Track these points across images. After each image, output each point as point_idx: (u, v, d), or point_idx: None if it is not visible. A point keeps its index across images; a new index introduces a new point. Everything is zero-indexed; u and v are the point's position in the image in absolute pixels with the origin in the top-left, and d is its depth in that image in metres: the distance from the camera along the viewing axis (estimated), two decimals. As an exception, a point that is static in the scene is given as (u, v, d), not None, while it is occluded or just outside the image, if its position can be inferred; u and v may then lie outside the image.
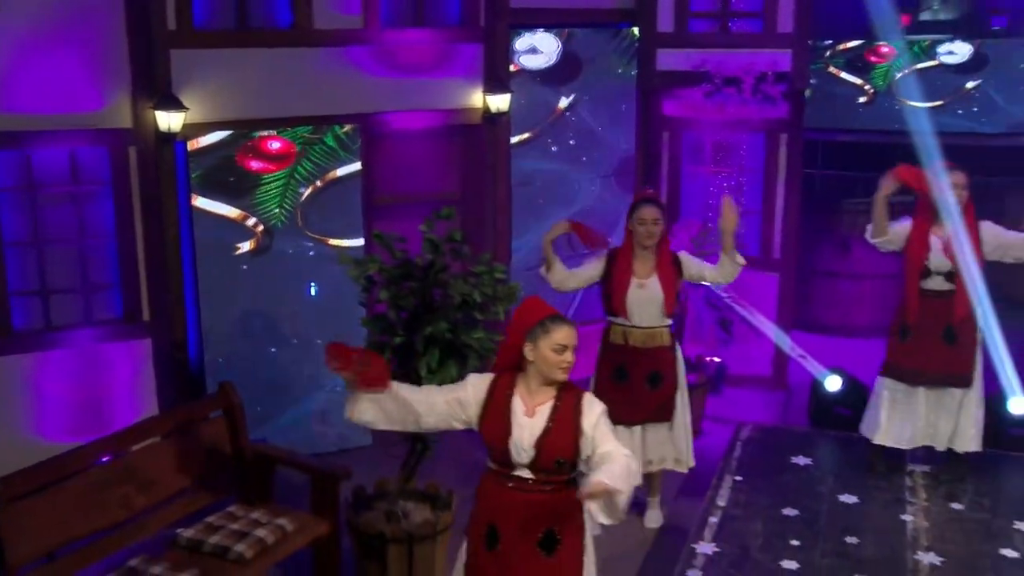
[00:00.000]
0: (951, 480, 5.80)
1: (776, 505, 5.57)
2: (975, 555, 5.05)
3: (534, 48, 7.29)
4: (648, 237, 5.32)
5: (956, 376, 5.64)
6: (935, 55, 12.46)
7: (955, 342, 5.60)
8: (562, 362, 3.50)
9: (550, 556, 3.60)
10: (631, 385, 5.46)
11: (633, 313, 5.39)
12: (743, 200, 7.60)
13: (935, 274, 5.57)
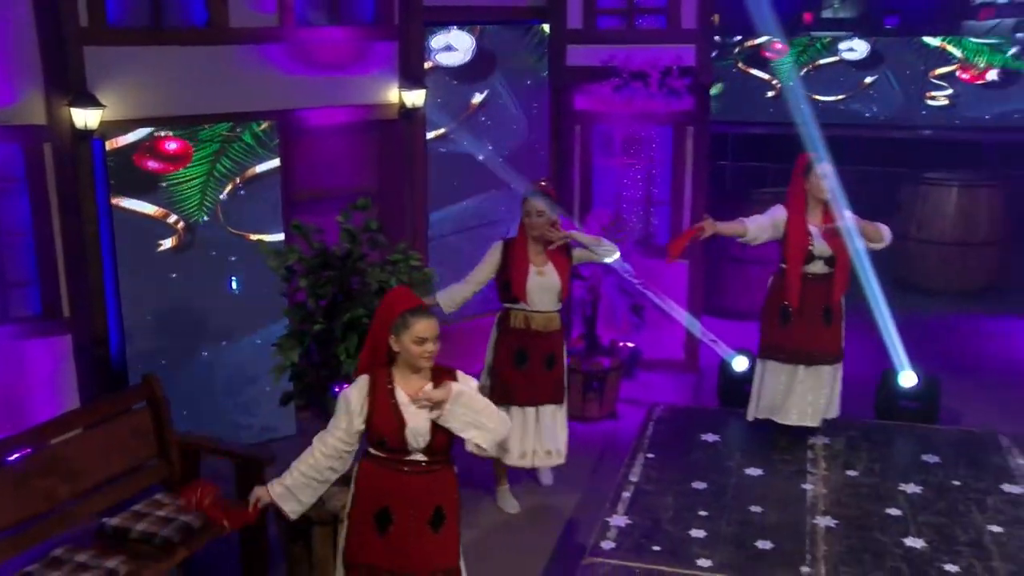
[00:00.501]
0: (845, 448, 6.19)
1: (686, 479, 5.85)
2: (865, 515, 5.39)
3: (450, 46, 7.48)
4: (533, 228, 5.60)
5: (831, 354, 6.03)
6: (837, 52, 12.97)
7: (831, 322, 5.97)
8: (424, 352, 3.69)
9: (437, 532, 3.84)
10: (530, 368, 5.73)
11: (533, 299, 5.66)
12: (654, 190, 7.92)
13: (817, 259, 5.92)
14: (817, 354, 6.04)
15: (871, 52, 12.70)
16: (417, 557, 3.82)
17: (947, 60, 12.00)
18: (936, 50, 12.03)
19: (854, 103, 12.94)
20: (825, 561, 4.98)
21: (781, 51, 13.43)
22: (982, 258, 10.15)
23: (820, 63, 13.30)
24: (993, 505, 5.51)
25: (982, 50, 11.84)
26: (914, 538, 5.19)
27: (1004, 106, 11.94)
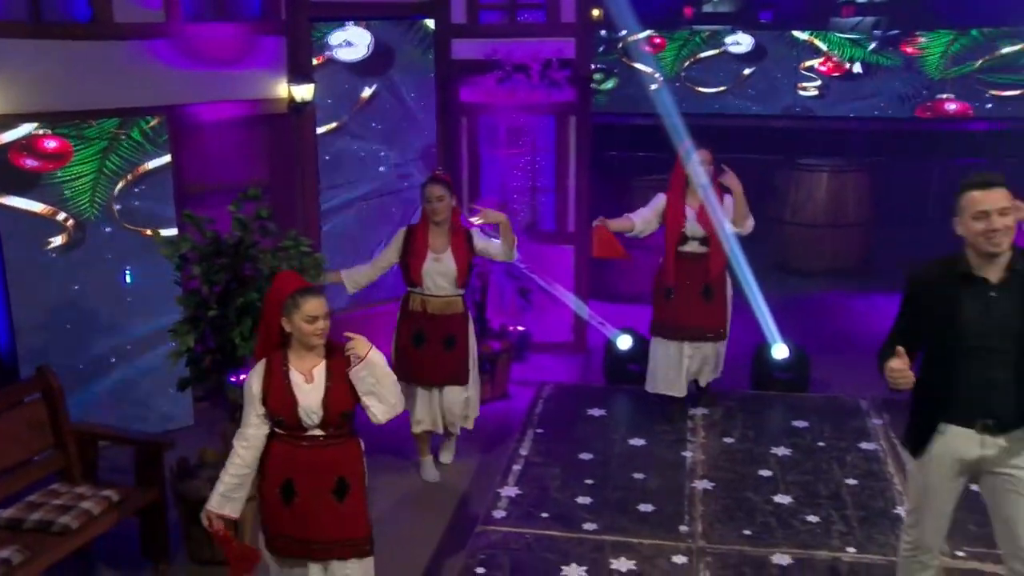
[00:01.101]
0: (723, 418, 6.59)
1: (573, 452, 6.17)
2: (739, 477, 5.80)
3: (348, 41, 7.63)
4: (435, 213, 5.82)
5: (713, 330, 6.41)
6: (723, 45, 13.48)
7: (711, 299, 6.35)
8: (316, 330, 3.87)
9: (341, 502, 4.01)
10: (428, 349, 5.93)
11: (429, 283, 5.88)
12: (539, 179, 8.21)
13: (691, 239, 6.30)
14: (699, 330, 6.41)
15: (755, 46, 13.23)
16: (323, 526, 3.98)
17: (816, 54, 12.61)
18: (805, 44, 12.63)
19: (734, 94, 13.47)
20: (702, 520, 5.35)
21: (660, 45, 13.91)
22: (850, 239, 10.74)
23: (700, 56, 13.81)
24: (851, 461, 5.99)
25: (845, 45, 12.48)
26: (782, 495, 5.61)
27: (868, 97, 12.62)
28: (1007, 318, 3.64)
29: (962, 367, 3.68)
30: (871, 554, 4.96)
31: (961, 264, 3.71)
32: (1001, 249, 3.62)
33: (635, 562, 4.90)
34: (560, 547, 5.04)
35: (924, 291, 3.79)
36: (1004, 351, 3.65)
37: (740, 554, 4.98)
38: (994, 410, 3.68)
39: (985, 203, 3.59)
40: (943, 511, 3.96)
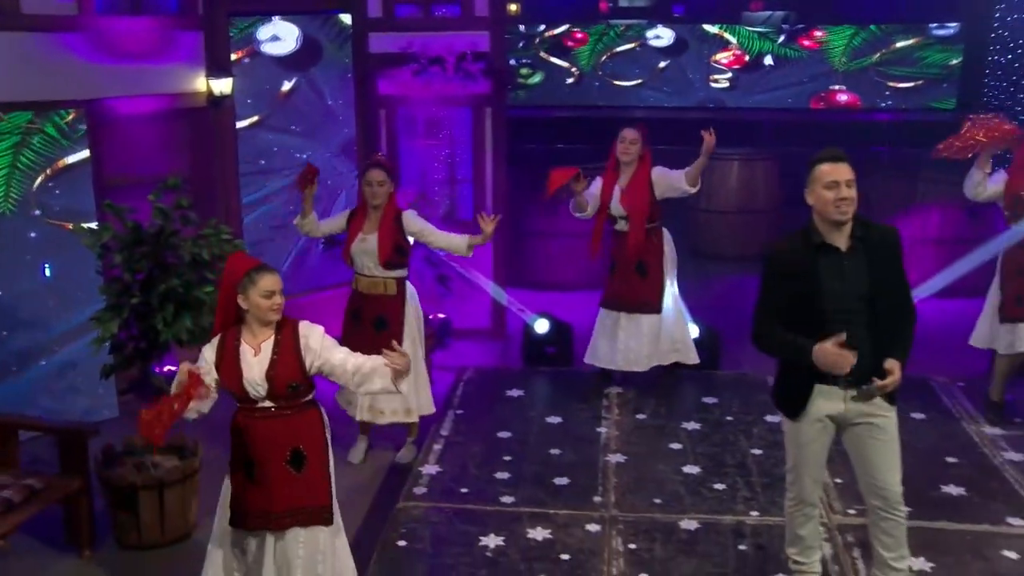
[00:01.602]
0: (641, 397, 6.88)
1: (492, 430, 6.39)
2: (651, 451, 6.08)
3: (276, 36, 7.73)
4: (373, 196, 5.98)
5: (647, 304, 6.68)
6: (642, 39, 13.82)
7: (646, 275, 6.63)
8: (272, 305, 4.01)
9: (300, 473, 4.13)
10: (362, 328, 6.09)
11: (356, 263, 6.05)
12: (457, 169, 8.40)
13: (618, 218, 6.58)
14: (634, 304, 6.70)
15: (676, 39, 13.59)
16: (282, 497, 4.09)
17: (726, 47, 13.02)
18: (716, 38, 13.04)
19: (650, 87, 13.82)
20: (615, 491, 5.61)
21: (582, 40, 14.20)
22: (760, 225, 11.13)
23: (617, 50, 14.13)
24: (757, 433, 6.31)
25: (754, 38, 12.91)
26: (691, 466, 5.90)
27: (777, 88, 13.08)
28: (859, 282, 4.00)
29: (826, 330, 3.96)
30: (773, 516, 5.26)
31: (814, 235, 4.03)
32: (847, 217, 3.97)
33: (550, 531, 5.13)
34: (479, 519, 5.25)
35: (783, 265, 4.09)
36: (859, 312, 4.00)
37: (650, 521, 5.25)
38: (855, 369, 3.99)
39: (835, 174, 3.93)
40: (819, 464, 4.29)
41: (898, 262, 4.10)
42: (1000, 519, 5.26)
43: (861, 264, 4.02)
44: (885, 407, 4.15)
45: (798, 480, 4.34)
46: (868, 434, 4.16)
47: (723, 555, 4.94)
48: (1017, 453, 6.04)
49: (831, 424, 4.20)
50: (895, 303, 4.09)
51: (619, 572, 4.77)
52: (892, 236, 4.12)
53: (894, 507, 4.22)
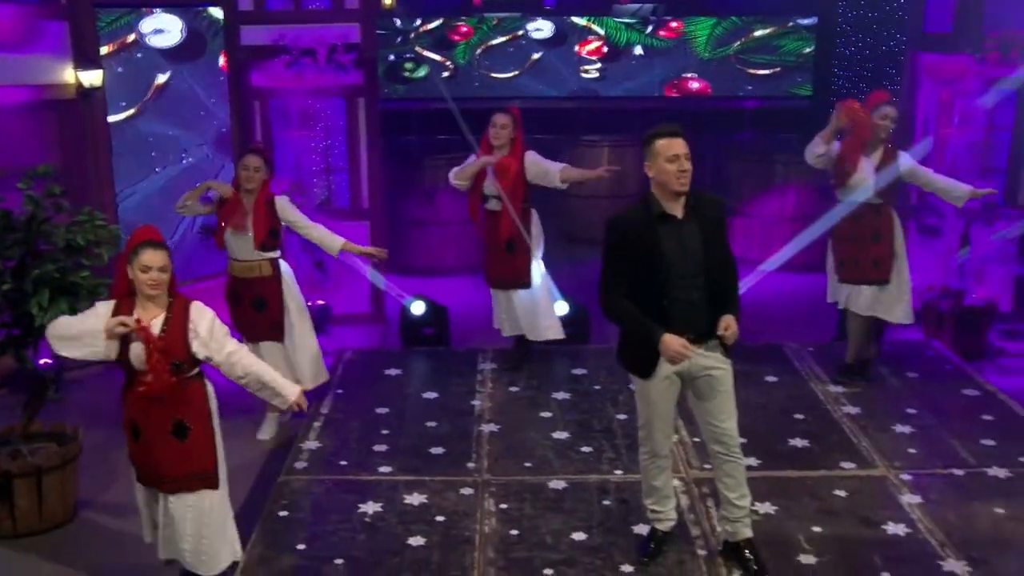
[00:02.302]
0: (511, 366, 7.20)
1: (371, 407, 6.62)
2: (522, 420, 6.41)
3: (159, 28, 7.77)
4: (248, 180, 6.18)
5: (517, 280, 7.00)
6: (520, 30, 14.11)
7: (514, 252, 6.94)
8: (148, 280, 4.19)
9: (183, 442, 4.35)
10: (243, 309, 6.31)
11: (231, 248, 6.21)
12: (332, 159, 8.57)
13: (491, 197, 6.88)
14: (506, 280, 7.01)
15: (556, 31, 13.92)
16: (165, 463, 4.33)
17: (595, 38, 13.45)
18: (584, 29, 13.46)
19: (523, 78, 14.15)
20: (488, 457, 5.91)
21: (467, 33, 14.45)
22: (631, 209, 11.60)
23: (492, 44, 14.42)
24: (622, 400, 6.69)
25: (621, 29, 13.38)
26: (560, 432, 6.24)
27: (645, 77, 13.59)
28: (695, 247, 4.36)
29: (668, 293, 4.34)
30: (635, 474, 5.55)
31: (653, 206, 4.39)
32: (686, 188, 4.32)
33: (426, 496, 5.40)
34: (358, 489, 5.49)
35: (626, 234, 4.40)
36: (696, 275, 4.37)
37: (521, 483, 5.57)
38: (695, 326, 4.38)
39: (675, 148, 4.29)
40: (668, 419, 4.65)
41: (724, 229, 4.50)
42: (836, 465, 5.77)
43: (695, 231, 4.39)
44: (722, 360, 4.53)
45: (650, 435, 4.70)
46: (708, 386, 4.54)
47: (588, 510, 5.28)
48: (855, 407, 6.57)
49: (677, 380, 4.56)
50: (725, 267, 4.48)
51: (491, 530, 5.07)
52: (721, 206, 4.52)
53: (733, 450, 4.62)
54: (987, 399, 6.71)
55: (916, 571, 4.73)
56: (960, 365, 7.36)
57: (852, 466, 5.76)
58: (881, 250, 6.75)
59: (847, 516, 5.23)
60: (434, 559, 4.80)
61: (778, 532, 5.03)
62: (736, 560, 4.71)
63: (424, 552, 4.86)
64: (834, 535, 5.04)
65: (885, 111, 6.55)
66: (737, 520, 4.71)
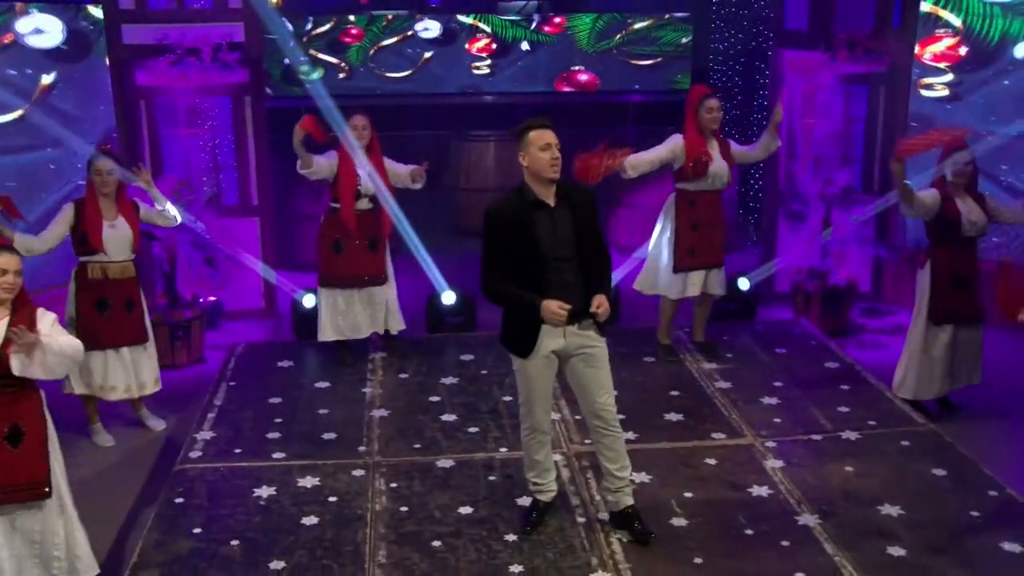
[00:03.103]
0: (394, 356, 7.44)
1: (264, 398, 6.79)
2: (412, 404, 6.68)
3: (38, 28, 7.72)
4: (104, 185, 6.27)
5: (376, 276, 7.22)
6: (409, 30, 14.24)
7: (376, 249, 7.15)
8: (2, 284, 4.29)
9: (16, 448, 4.39)
10: (113, 313, 6.35)
11: (109, 250, 6.29)
12: (220, 156, 8.66)
13: (363, 196, 7.07)
14: (368, 278, 7.19)
15: (444, 31, 14.10)
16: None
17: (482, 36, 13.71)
18: (472, 27, 13.71)
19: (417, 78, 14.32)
20: (378, 440, 6.15)
21: (358, 35, 14.53)
22: (518, 202, 11.93)
23: (383, 44, 14.56)
24: (508, 383, 6.97)
25: (507, 26, 13.68)
26: (448, 414, 6.52)
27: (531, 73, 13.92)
28: (568, 233, 4.67)
29: (545, 276, 4.65)
30: (519, 451, 5.85)
31: (528, 194, 4.69)
32: (558, 175, 4.63)
33: (319, 479, 5.62)
34: (252, 474, 5.67)
35: (503, 222, 4.69)
36: (569, 258, 4.69)
37: (410, 463, 5.83)
38: (576, 310, 4.67)
39: (547, 138, 4.60)
40: (547, 396, 4.95)
41: (596, 216, 4.82)
42: (707, 436, 6.18)
43: (567, 217, 4.69)
44: (597, 339, 4.85)
45: (531, 412, 4.98)
46: (585, 363, 4.85)
47: (475, 486, 5.57)
48: (726, 383, 7.02)
49: (555, 358, 4.87)
50: (596, 250, 4.81)
51: (382, 508, 5.32)
52: (591, 194, 4.86)
53: (611, 424, 4.95)
54: (846, 371, 7.24)
55: (775, 527, 5.15)
56: (824, 341, 7.89)
57: (722, 436, 6.18)
58: (720, 234, 7.22)
59: (716, 482, 5.64)
60: (327, 536, 5.02)
61: (653, 499, 5.40)
62: (623, 527, 5.05)
63: (318, 530, 5.08)
64: (704, 499, 5.44)
65: (708, 104, 6.97)
66: (618, 490, 5.06)
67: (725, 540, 5.04)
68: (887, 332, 8.57)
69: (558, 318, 4.59)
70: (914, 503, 5.36)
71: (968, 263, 6.63)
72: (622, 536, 5.02)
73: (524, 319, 4.77)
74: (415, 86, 14.03)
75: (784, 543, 4.99)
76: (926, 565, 4.80)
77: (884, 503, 5.35)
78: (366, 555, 4.86)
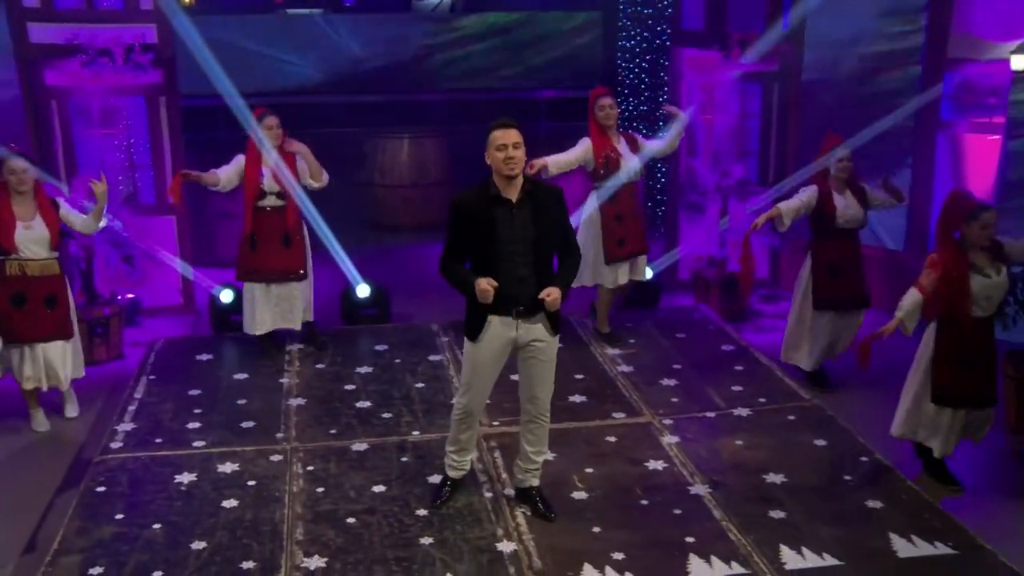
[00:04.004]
0: (317, 346, 7.69)
1: (184, 389, 6.98)
2: (328, 393, 6.95)
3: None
4: (21, 184, 6.41)
5: (293, 271, 7.43)
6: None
7: (291, 245, 7.38)
8: None
9: None
10: (31, 308, 6.51)
11: (24, 249, 6.43)
12: (136, 155, 8.78)
13: (269, 194, 7.28)
14: (282, 272, 7.41)
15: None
16: None
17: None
18: (385, 25, 13.91)
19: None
20: (295, 427, 6.41)
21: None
22: (434, 196, 12.22)
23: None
24: (421, 370, 7.32)
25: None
26: (363, 401, 6.80)
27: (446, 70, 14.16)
28: (526, 228, 4.92)
29: (500, 268, 4.90)
30: (430, 433, 6.27)
31: (491, 189, 4.94)
32: (515, 173, 4.87)
33: (238, 464, 5.86)
34: (173, 462, 5.88)
35: (466, 213, 4.94)
36: (526, 253, 4.94)
37: (326, 447, 6.10)
38: (523, 300, 4.96)
39: (504, 139, 4.84)
40: (488, 382, 5.19)
41: (562, 214, 5.07)
42: (608, 415, 6.57)
43: (528, 215, 4.93)
44: (547, 335, 5.09)
45: (469, 393, 5.20)
46: (532, 356, 5.10)
47: (388, 467, 5.87)
48: (629, 366, 7.42)
49: (507, 349, 5.09)
50: (560, 246, 5.07)
51: (299, 489, 5.59)
52: (556, 194, 5.09)
53: (542, 414, 5.25)
54: (740, 353, 7.71)
55: (669, 497, 5.55)
56: (721, 325, 8.36)
57: (622, 415, 6.58)
58: (642, 222, 7.64)
59: (615, 457, 6.03)
60: (247, 517, 5.28)
61: (556, 474, 5.75)
62: (527, 504, 5.40)
63: (238, 512, 5.33)
64: (603, 474, 5.82)
65: (600, 103, 7.40)
66: (528, 471, 5.40)
67: (622, 510, 5.42)
68: (783, 316, 9.03)
69: (485, 295, 4.86)
70: (795, 471, 5.82)
71: (847, 253, 7.16)
72: (526, 510, 5.37)
73: (477, 305, 4.99)
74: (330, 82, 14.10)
75: (677, 511, 5.40)
76: (801, 524, 5.25)
77: (769, 472, 5.80)
78: (284, 533, 5.12)
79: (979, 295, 5.58)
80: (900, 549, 5.03)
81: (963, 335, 5.65)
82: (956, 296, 5.57)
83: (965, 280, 5.53)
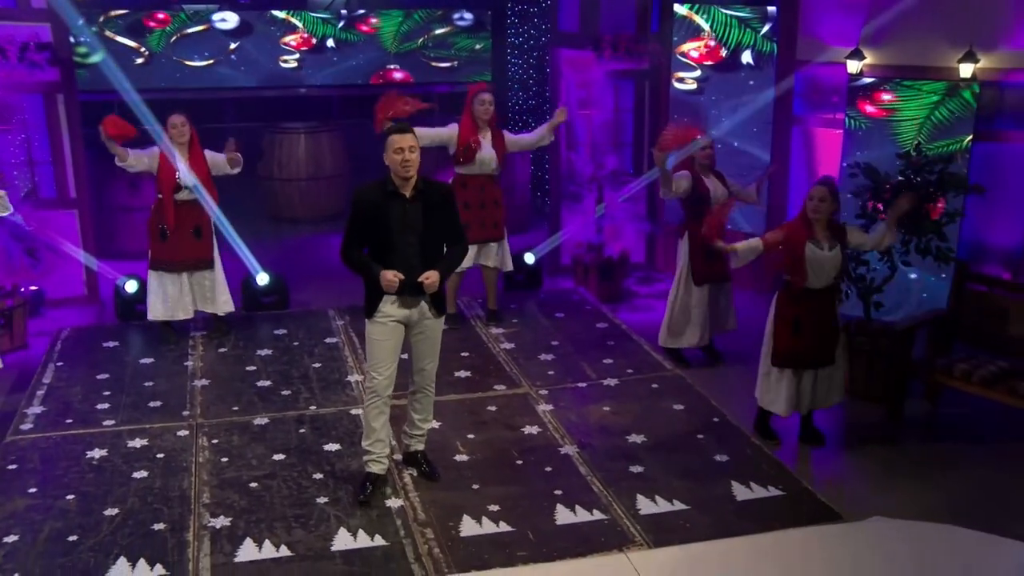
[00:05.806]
0: (220, 336, 8.15)
1: (92, 374, 7.38)
2: (231, 374, 7.43)
3: None
4: None
5: (203, 260, 7.90)
6: (211, 21, 14.59)
7: (201, 237, 7.84)
8: None
9: None
10: None
11: None
12: (35, 153, 9.05)
13: (184, 188, 7.71)
14: (195, 262, 7.86)
15: (241, 22, 14.50)
16: None
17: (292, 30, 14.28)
18: (283, 21, 14.28)
19: (222, 67, 14.72)
20: (200, 405, 6.88)
21: (164, 20, 14.74)
22: (330, 189, 12.70)
23: (188, 32, 14.86)
24: (318, 352, 7.85)
25: (317, 23, 14.32)
26: (264, 380, 7.30)
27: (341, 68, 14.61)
28: (416, 221, 5.47)
29: (393, 255, 5.45)
30: (326, 408, 6.83)
31: (388, 185, 5.47)
32: (410, 174, 5.41)
33: (147, 440, 6.32)
34: (84, 440, 6.31)
35: (365, 205, 5.46)
36: (414, 243, 5.49)
37: (230, 423, 6.60)
38: (412, 284, 5.49)
39: (401, 143, 5.37)
40: (390, 360, 5.66)
41: (450, 209, 5.63)
42: (490, 388, 7.22)
43: (419, 210, 5.48)
44: (432, 316, 5.65)
45: (373, 373, 5.64)
46: (421, 332, 5.67)
47: (287, 437, 6.41)
48: (510, 344, 8.08)
49: (400, 327, 5.62)
50: (448, 237, 5.62)
51: (204, 460, 6.08)
52: (446, 191, 5.68)
53: (428, 384, 5.84)
54: (613, 330, 8.43)
55: (542, 457, 6.22)
56: (597, 306, 9.08)
57: (503, 387, 7.23)
58: (494, 214, 8.25)
59: (495, 424, 6.67)
60: (157, 485, 5.76)
61: (441, 441, 6.37)
62: (413, 465, 6.00)
63: (148, 481, 5.81)
64: (484, 439, 6.45)
65: (481, 97, 8.03)
66: (414, 437, 6.00)
67: (499, 469, 6.07)
68: (656, 297, 9.84)
69: (391, 286, 5.42)
70: (654, 432, 6.55)
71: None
72: (412, 472, 5.97)
73: (372, 287, 5.52)
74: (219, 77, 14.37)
75: (548, 469, 6.06)
76: (657, 477, 5.97)
77: (631, 433, 6.52)
78: (192, 498, 5.63)
79: (811, 263, 6.31)
80: (739, 494, 5.79)
81: (794, 300, 6.42)
82: (790, 259, 6.34)
83: (801, 247, 6.30)
